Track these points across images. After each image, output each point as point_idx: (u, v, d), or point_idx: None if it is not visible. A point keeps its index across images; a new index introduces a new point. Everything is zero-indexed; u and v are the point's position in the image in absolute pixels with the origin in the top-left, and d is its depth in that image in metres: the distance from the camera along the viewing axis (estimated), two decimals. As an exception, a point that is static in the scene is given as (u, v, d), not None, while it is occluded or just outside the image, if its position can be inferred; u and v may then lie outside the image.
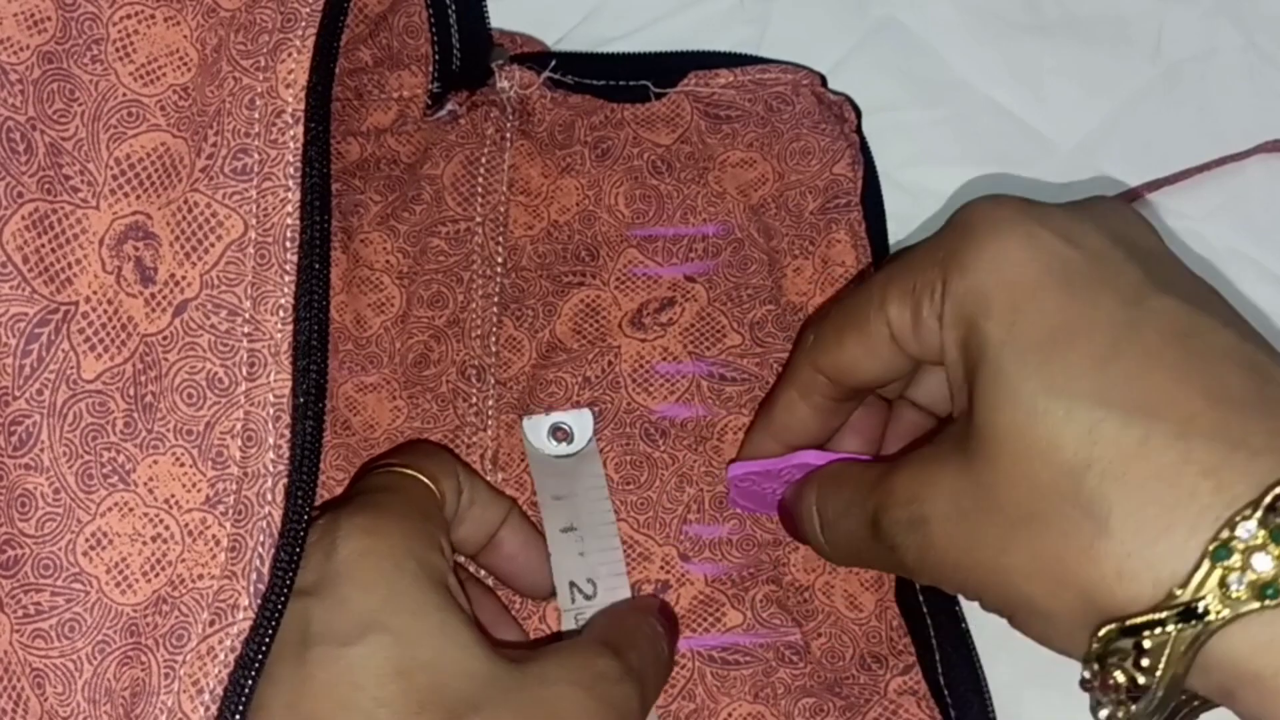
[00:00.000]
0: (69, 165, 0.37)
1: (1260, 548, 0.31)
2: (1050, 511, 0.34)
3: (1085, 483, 0.33)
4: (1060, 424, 0.34)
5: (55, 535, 0.37)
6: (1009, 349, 0.35)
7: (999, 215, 0.38)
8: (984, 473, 0.36)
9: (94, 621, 0.37)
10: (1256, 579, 0.31)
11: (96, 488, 0.38)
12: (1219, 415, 0.33)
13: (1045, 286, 0.36)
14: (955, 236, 0.38)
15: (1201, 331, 0.34)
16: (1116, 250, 0.36)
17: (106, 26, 0.39)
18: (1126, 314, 0.35)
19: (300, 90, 0.40)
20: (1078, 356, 0.34)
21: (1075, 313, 0.35)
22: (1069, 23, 0.59)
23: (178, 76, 0.40)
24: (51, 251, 0.37)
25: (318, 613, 0.39)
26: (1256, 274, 0.55)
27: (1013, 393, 0.35)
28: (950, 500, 0.37)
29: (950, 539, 0.37)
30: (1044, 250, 0.36)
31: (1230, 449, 0.32)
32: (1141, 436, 0.33)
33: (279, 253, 0.40)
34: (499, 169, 0.54)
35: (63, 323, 0.37)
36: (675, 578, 0.49)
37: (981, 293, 0.37)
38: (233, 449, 0.39)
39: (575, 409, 0.50)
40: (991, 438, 0.35)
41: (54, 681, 0.37)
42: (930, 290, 0.38)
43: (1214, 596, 0.31)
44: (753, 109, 0.54)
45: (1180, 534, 0.32)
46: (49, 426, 0.37)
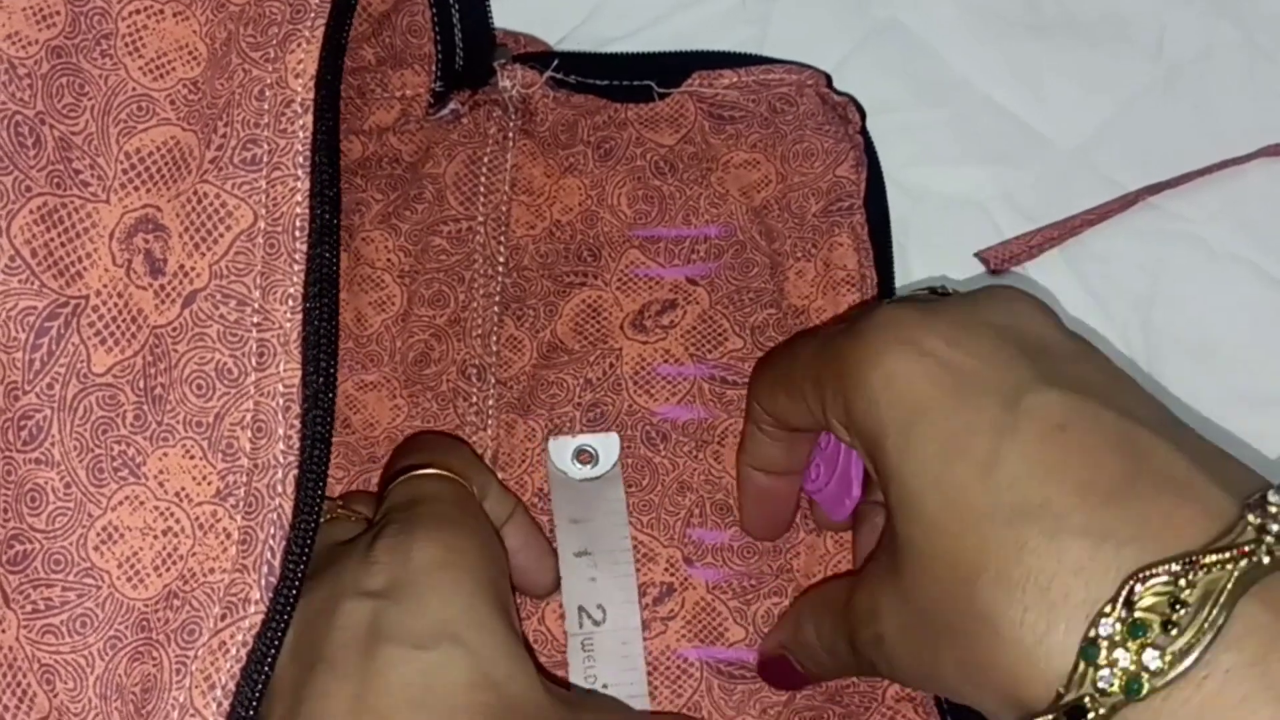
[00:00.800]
0: (79, 160, 0.37)
1: (1120, 644, 0.32)
2: (958, 623, 0.35)
3: (978, 593, 0.34)
4: (957, 537, 0.35)
5: (66, 530, 0.37)
6: (907, 467, 0.37)
7: (894, 330, 0.39)
8: (909, 589, 0.37)
9: (105, 617, 0.37)
10: (1121, 675, 0.32)
11: (107, 481, 0.38)
12: (1090, 509, 0.34)
13: (932, 402, 0.37)
14: (857, 346, 0.39)
15: (1078, 420, 0.35)
16: (1001, 350, 0.37)
17: (115, 21, 0.39)
18: (1006, 417, 0.36)
19: (309, 80, 0.40)
20: (965, 468, 0.35)
21: (960, 424, 0.36)
22: (1069, 23, 0.59)
23: (187, 70, 0.40)
24: (61, 245, 0.37)
25: (391, 614, 0.39)
26: (1257, 277, 0.55)
27: (916, 511, 0.36)
28: (895, 617, 0.38)
29: (903, 651, 0.38)
30: (931, 363, 0.38)
31: (1098, 543, 0.33)
32: (1019, 542, 0.34)
33: (288, 242, 0.39)
34: (501, 168, 0.53)
35: (72, 316, 0.37)
36: (679, 581, 0.49)
37: (876, 412, 0.38)
38: (243, 440, 0.39)
39: (603, 432, 0.50)
40: (907, 553, 0.37)
41: (65, 677, 0.37)
42: (833, 398, 0.40)
43: (1090, 695, 0.32)
44: (756, 110, 0.54)
45: (1058, 635, 0.33)
46: (59, 420, 0.37)
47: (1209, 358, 0.53)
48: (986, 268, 0.55)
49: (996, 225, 0.56)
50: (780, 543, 0.49)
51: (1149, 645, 0.32)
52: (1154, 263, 0.55)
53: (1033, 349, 0.38)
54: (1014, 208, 0.56)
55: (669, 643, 0.48)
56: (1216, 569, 0.32)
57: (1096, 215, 0.55)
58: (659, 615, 0.48)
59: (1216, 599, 0.31)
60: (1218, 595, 0.31)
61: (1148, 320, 0.54)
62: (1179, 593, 0.32)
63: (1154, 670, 0.31)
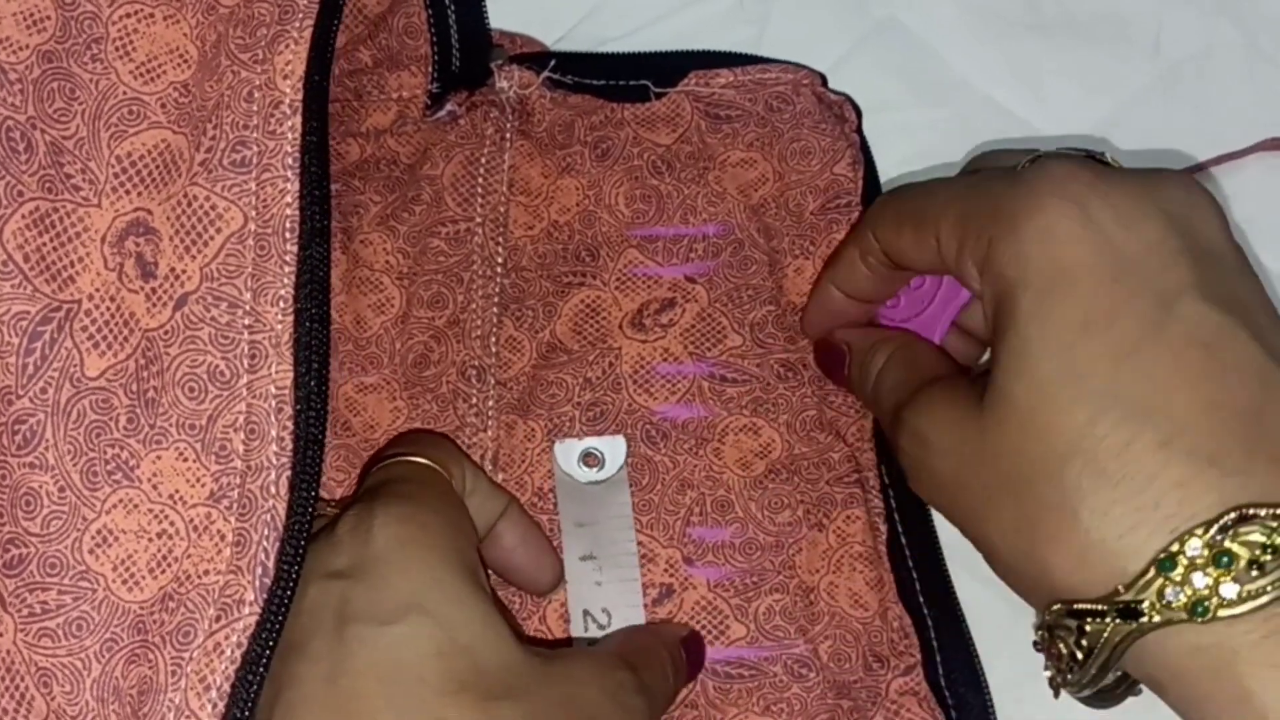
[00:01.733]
0: (70, 164, 0.37)
1: (1201, 567, 0.33)
2: (1035, 486, 0.36)
3: (1068, 470, 0.35)
4: (1064, 409, 0.36)
5: (61, 533, 0.37)
6: (1036, 326, 0.37)
7: (1063, 188, 0.38)
8: (990, 429, 0.38)
9: (102, 619, 0.37)
10: (1192, 595, 0.33)
11: (101, 485, 0.38)
12: (1208, 429, 0.34)
13: (1086, 272, 0.37)
14: (1019, 196, 0.39)
15: (1224, 342, 0.36)
16: (1168, 242, 0.37)
17: (106, 25, 0.38)
18: (1156, 315, 0.36)
19: (298, 81, 0.40)
20: (1098, 348, 0.36)
21: (1107, 305, 0.36)
22: (1069, 22, 0.59)
23: (178, 74, 0.40)
24: (53, 250, 0.37)
25: (357, 593, 0.39)
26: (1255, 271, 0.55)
27: (1031, 368, 0.37)
28: (953, 434, 0.39)
29: (942, 467, 0.40)
30: (1096, 234, 0.37)
31: (1205, 465, 0.34)
32: (1128, 439, 0.35)
33: (278, 243, 0.39)
34: (499, 169, 0.53)
35: (65, 321, 0.37)
36: (679, 581, 0.49)
37: (1023, 262, 0.38)
38: (235, 442, 0.39)
39: (610, 435, 0.50)
40: (1004, 401, 0.37)
41: (61, 681, 0.37)
42: (976, 238, 0.39)
43: (1152, 603, 0.34)
44: (753, 109, 0.54)
45: (1138, 538, 0.34)
46: (53, 425, 0.37)
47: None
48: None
49: (996, 224, 0.56)
50: (782, 539, 0.49)
51: (1229, 578, 0.33)
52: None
53: (1199, 250, 0.37)
54: (1014, 207, 0.56)
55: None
56: None
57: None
58: (657, 616, 0.48)
59: None
60: None
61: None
62: (1274, 539, 0.33)
63: (1227, 600, 0.33)
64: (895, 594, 0.49)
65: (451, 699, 0.37)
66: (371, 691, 0.37)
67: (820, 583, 0.49)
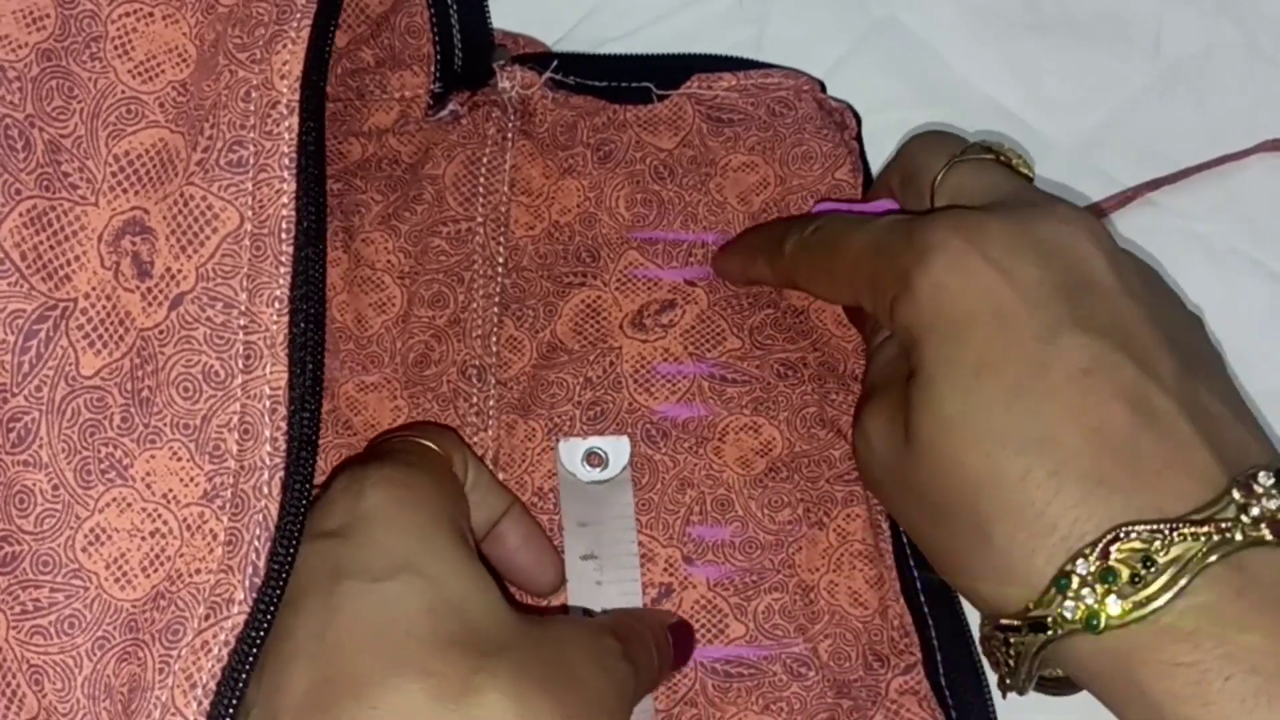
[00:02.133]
0: (68, 162, 0.37)
1: (1090, 583, 0.37)
2: (953, 515, 0.40)
3: (979, 502, 0.39)
4: (968, 447, 0.39)
5: (54, 531, 0.37)
6: (940, 373, 0.40)
7: (948, 242, 0.41)
8: (911, 461, 0.41)
9: (94, 618, 0.37)
10: (1085, 610, 0.37)
11: (94, 483, 0.38)
12: (1091, 454, 0.38)
13: (975, 322, 0.40)
14: (911, 253, 0.42)
15: (1102, 369, 0.39)
16: (1046, 280, 0.40)
17: (105, 24, 0.38)
18: (1039, 353, 0.39)
19: (295, 81, 0.40)
20: (992, 391, 0.39)
21: (998, 349, 0.40)
22: (1069, 22, 0.59)
23: (176, 73, 0.40)
24: (50, 248, 0.37)
25: (347, 551, 0.39)
26: (1255, 272, 0.55)
27: (936, 409, 0.40)
28: (890, 452, 0.43)
29: (883, 479, 0.44)
30: (980, 285, 0.40)
31: (1093, 487, 0.37)
32: (1024, 472, 0.38)
33: (274, 244, 0.39)
34: (500, 169, 0.53)
35: (61, 319, 0.37)
36: (678, 581, 0.49)
37: (921, 318, 0.41)
38: (230, 442, 0.39)
39: (614, 435, 0.50)
40: (918, 439, 0.41)
41: (53, 678, 0.36)
42: (882, 295, 0.43)
43: (1055, 618, 0.37)
44: (755, 113, 0.54)
45: (1039, 560, 0.38)
46: (48, 423, 0.37)
47: (1209, 353, 0.53)
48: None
49: (996, 224, 0.56)
50: (782, 537, 0.49)
51: (1113, 592, 0.36)
52: (1153, 259, 0.55)
53: (1076, 283, 0.40)
54: (1013, 207, 0.56)
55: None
56: (1191, 539, 0.36)
57: (1095, 212, 0.55)
58: None
59: (1184, 564, 0.36)
60: (1186, 561, 0.36)
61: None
62: (1152, 553, 0.36)
63: (1113, 614, 0.36)
64: (896, 592, 0.49)
65: (439, 652, 0.37)
66: (360, 644, 0.37)
67: (820, 581, 0.49)
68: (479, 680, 0.36)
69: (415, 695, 0.36)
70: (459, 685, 0.36)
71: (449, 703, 0.36)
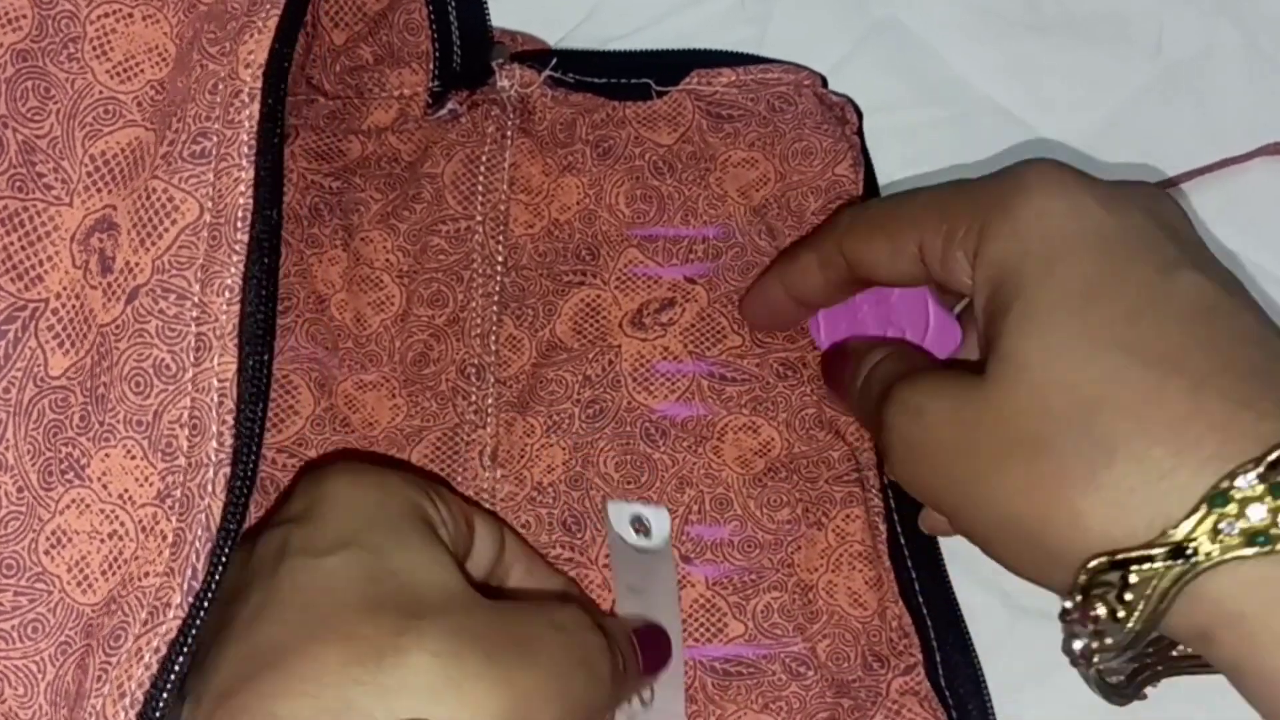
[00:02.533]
0: (42, 163, 0.37)
1: (1257, 499, 0.32)
2: (1059, 438, 0.35)
3: (1099, 416, 0.34)
4: (1084, 362, 0.35)
5: (18, 534, 0.36)
6: (1044, 291, 0.37)
7: (1049, 176, 0.39)
8: (996, 393, 0.37)
9: (57, 622, 0.36)
10: (1249, 527, 0.32)
11: (55, 484, 0.37)
12: (1231, 380, 0.34)
13: (1085, 245, 0.37)
14: (1006, 186, 0.39)
15: (1224, 310, 0.36)
16: (1154, 227, 0.38)
17: (84, 25, 0.38)
18: (1158, 282, 0.36)
19: (258, 69, 0.39)
20: (1109, 309, 0.36)
21: (1110, 273, 0.36)
22: (1069, 22, 0.59)
23: (155, 73, 0.39)
24: (21, 249, 0.36)
25: (297, 533, 0.39)
26: (1257, 275, 0.55)
27: (1043, 328, 0.36)
28: (950, 401, 0.38)
29: (937, 436, 0.38)
30: (1087, 215, 0.37)
31: (1239, 408, 0.33)
32: (1159, 384, 0.34)
33: (229, 232, 0.38)
34: (500, 167, 0.53)
35: (30, 320, 0.36)
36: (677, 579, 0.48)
37: (1022, 239, 0.38)
38: (180, 439, 0.37)
39: (654, 505, 0.49)
40: (1013, 364, 0.36)
41: (15, 683, 0.36)
42: (967, 228, 0.40)
43: (1206, 539, 0.32)
44: (755, 108, 0.54)
45: (1182, 477, 0.33)
46: (14, 424, 0.36)
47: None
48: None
49: (996, 224, 0.56)
50: (781, 536, 0.49)
51: None
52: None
53: (1178, 238, 0.38)
54: (1014, 207, 0.56)
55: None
56: None
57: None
58: None
59: None
60: None
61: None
62: None
63: None
64: (894, 594, 0.49)
65: (367, 616, 0.36)
66: (289, 615, 0.37)
67: (819, 581, 0.49)
68: (404, 641, 0.36)
69: (332, 659, 0.35)
70: (380, 646, 0.36)
71: (367, 665, 0.35)
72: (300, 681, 0.35)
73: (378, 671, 0.35)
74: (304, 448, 0.49)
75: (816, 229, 0.51)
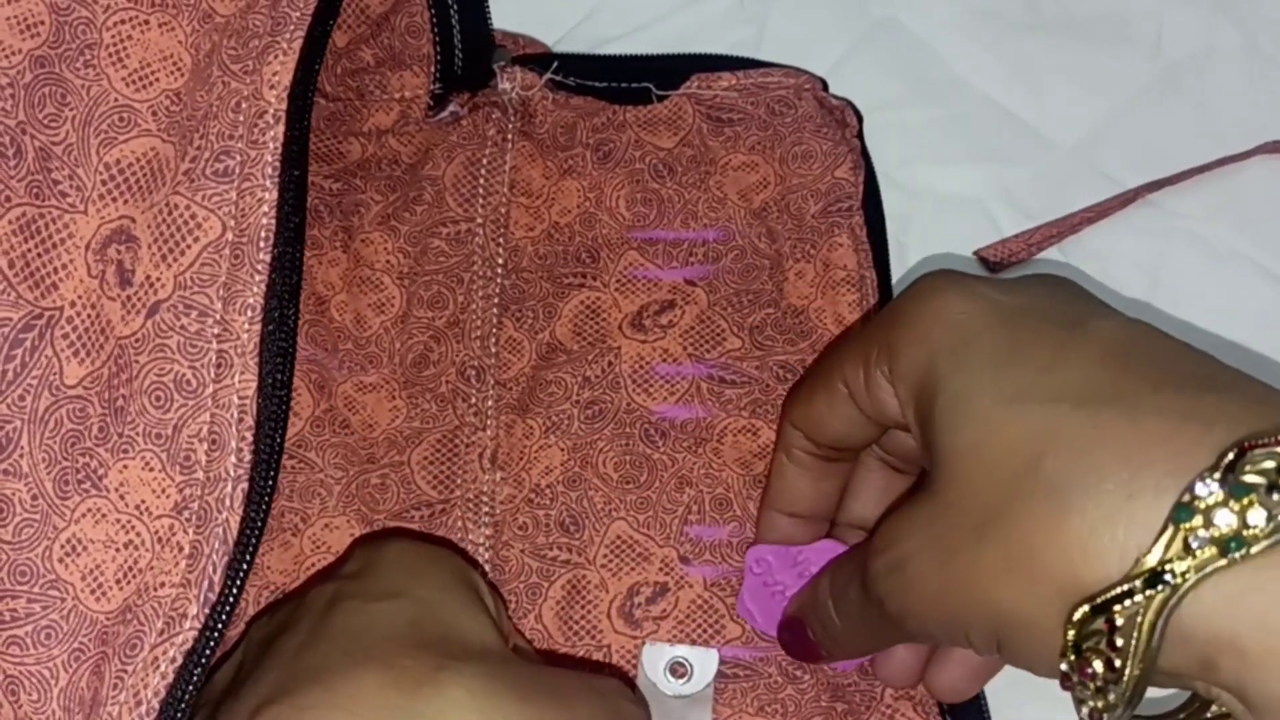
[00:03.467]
0: (58, 170, 0.37)
1: (1222, 504, 0.30)
2: (1015, 504, 0.33)
3: (1043, 471, 0.33)
4: (1015, 424, 0.34)
5: (32, 541, 0.36)
6: (959, 378, 0.36)
7: (942, 279, 0.39)
8: (948, 492, 0.35)
9: (70, 629, 0.37)
10: (1220, 534, 0.30)
11: (71, 493, 0.37)
12: (1168, 396, 0.33)
13: (988, 325, 0.37)
14: (904, 300, 0.39)
15: (1143, 339, 0.35)
16: (1054, 298, 0.38)
17: (100, 32, 0.38)
18: (1068, 335, 0.35)
19: (283, 91, 0.39)
20: (1024, 368, 0.35)
21: (1018, 339, 0.36)
22: (1068, 22, 0.59)
23: (170, 82, 0.39)
24: (38, 256, 0.36)
25: (350, 585, 0.40)
26: (1256, 274, 0.55)
27: (968, 410, 0.35)
28: (924, 532, 0.36)
29: (927, 569, 0.36)
30: (985, 300, 0.38)
31: (1183, 421, 0.32)
32: (1093, 421, 0.33)
33: (252, 252, 0.38)
34: (500, 170, 0.53)
35: (47, 328, 0.36)
36: (674, 580, 0.48)
37: (928, 342, 0.38)
38: (199, 453, 0.38)
39: (704, 647, 0.47)
40: (953, 456, 0.35)
41: (29, 689, 0.36)
42: (879, 350, 0.40)
43: (1179, 558, 0.31)
44: (755, 112, 0.54)
45: (1142, 504, 0.31)
46: (29, 433, 0.36)
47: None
48: (985, 266, 0.54)
49: (996, 224, 0.55)
50: (780, 536, 0.49)
51: (1255, 504, 0.30)
52: (1153, 260, 0.55)
53: (1083, 300, 0.38)
54: (1013, 207, 0.56)
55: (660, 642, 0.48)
56: None
57: (1096, 213, 0.54)
58: (651, 615, 0.48)
59: None
60: None
61: (1147, 318, 0.53)
62: None
63: (1259, 529, 0.30)
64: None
65: (410, 650, 0.37)
66: (335, 645, 0.37)
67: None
68: (443, 676, 0.36)
69: (371, 683, 0.36)
70: (420, 677, 0.36)
71: (405, 692, 0.36)
72: (338, 698, 0.36)
73: (415, 699, 0.35)
74: (304, 449, 0.49)
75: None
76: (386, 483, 0.49)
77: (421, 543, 0.43)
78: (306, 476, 0.49)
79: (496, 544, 0.48)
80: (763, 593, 0.47)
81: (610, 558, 0.48)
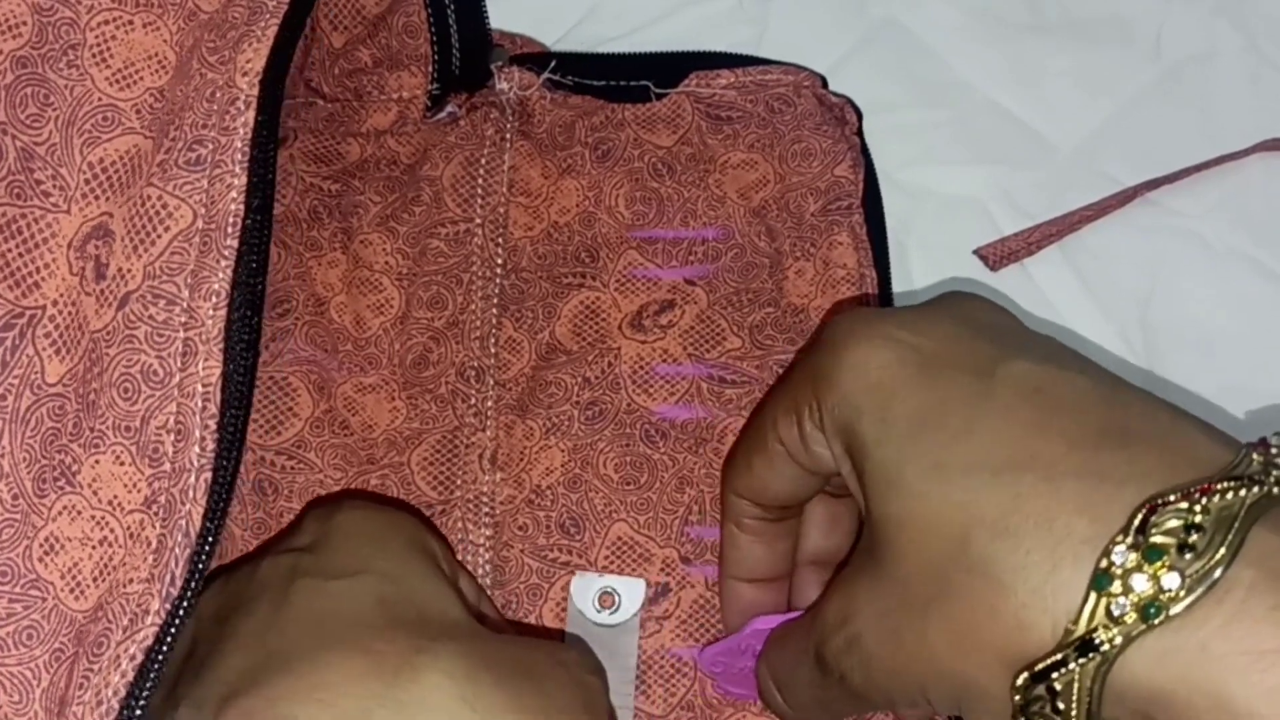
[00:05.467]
0: (41, 170, 0.36)
1: (1136, 569, 0.31)
2: (951, 584, 0.34)
3: (971, 546, 0.33)
4: (939, 499, 0.35)
5: (13, 541, 0.35)
6: (883, 445, 0.36)
7: (853, 328, 0.39)
8: (891, 567, 0.36)
9: (51, 629, 0.36)
10: (1138, 599, 0.31)
11: (48, 491, 0.36)
12: (1080, 457, 0.33)
13: (904, 379, 0.37)
14: (822, 354, 0.39)
15: (1053, 384, 0.35)
16: (964, 331, 0.38)
17: (84, 32, 0.37)
18: (980, 385, 0.36)
19: (255, 77, 0.39)
20: (942, 433, 0.35)
21: (934, 396, 0.36)
22: (1069, 24, 0.59)
23: (155, 80, 0.38)
24: (19, 256, 0.35)
25: (307, 559, 0.39)
26: (1256, 272, 0.54)
27: (894, 483, 0.36)
28: (873, 607, 0.37)
29: (882, 645, 0.36)
30: (898, 347, 0.38)
31: (1098, 482, 0.33)
32: (1012, 489, 0.33)
33: (219, 238, 0.37)
34: (499, 170, 0.53)
35: (28, 327, 0.36)
36: (676, 580, 0.48)
37: (851, 401, 0.38)
38: (166, 444, 0.37)
39: (632, 576, 0.48)
40: (887, 532, 0.36)
41: (10, 690, 0.35)
42: (808, 407, 0.40)
43: (1104, 626, 0.31)
44: (754, 110, 0.54)
45: (1065, 572, 0.32)
46: (10, 432, 0.35)
47: (1207, 352, 0.53)
48: (986, 264, 0.54)
49: (996, 225, 0.55)
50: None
51: (1167, 568, 0.31)
52: (1152, 258, 0.54)
53: (992, 332, 0.38)
54: (1014, 208, 0.55)
55: (663, 642, 0.47)
56: (1229, 494, 0.31)
57: (1095, 211, 0.54)
58: (654, 615, 0.47)
59: (1230, 523, 0.31)
60: (1232, 520, 0.31)
61: (1146, 316, 0.53)
62: (1192, 518, 0.31)
63: (1173, 592, 0.31)
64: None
65: (383, 633, 0.36)
66: (303, 629, 0.37)
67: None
68: (421, 660, 0.35)
69: (346, 670, 0.35)
70: (397, 662, 0.35)
71: (384, 679, 0.35)
72: (313, 688, 0.35)
73: (394, 686, 0.35)
74: (303, 450, 0.49)
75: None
76: (386, 484, 0.49)
77: (375, 507, 0.42)
78: (306, 477, 0.48)
79: (497, 545, 0.48)
80: (733, 677, 0.46)
81: (611, 559, 0.48)
